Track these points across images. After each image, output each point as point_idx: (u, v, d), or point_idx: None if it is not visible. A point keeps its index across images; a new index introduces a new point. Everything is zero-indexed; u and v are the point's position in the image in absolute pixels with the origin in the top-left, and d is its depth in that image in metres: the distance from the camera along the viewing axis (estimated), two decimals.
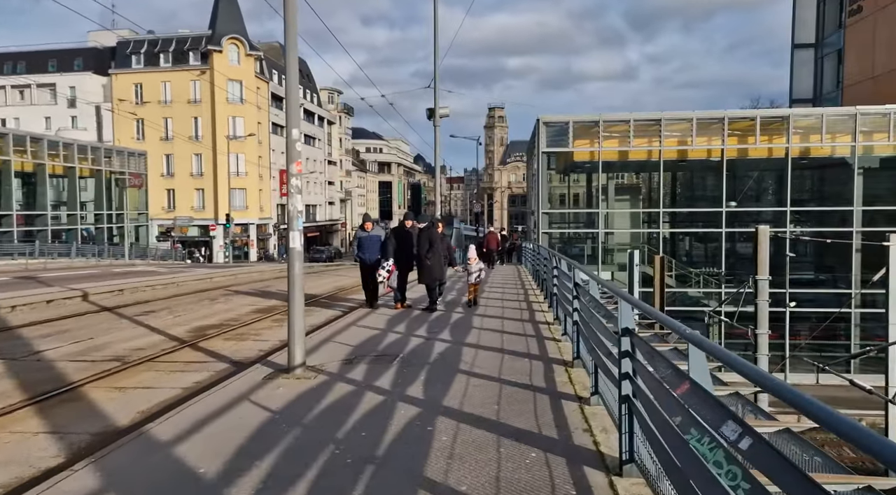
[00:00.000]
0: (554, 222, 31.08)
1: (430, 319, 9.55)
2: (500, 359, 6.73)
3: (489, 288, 14.57)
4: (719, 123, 26.88)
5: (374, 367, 6.37)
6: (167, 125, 57.41)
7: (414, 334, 8.32)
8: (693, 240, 32.21)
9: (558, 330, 8.39)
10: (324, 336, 8.14)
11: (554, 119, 28.61)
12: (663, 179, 27.76)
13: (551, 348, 7.25)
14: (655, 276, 20.19)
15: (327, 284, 17.88)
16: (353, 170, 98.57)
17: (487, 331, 8.53)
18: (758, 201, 30.82)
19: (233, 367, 7.12)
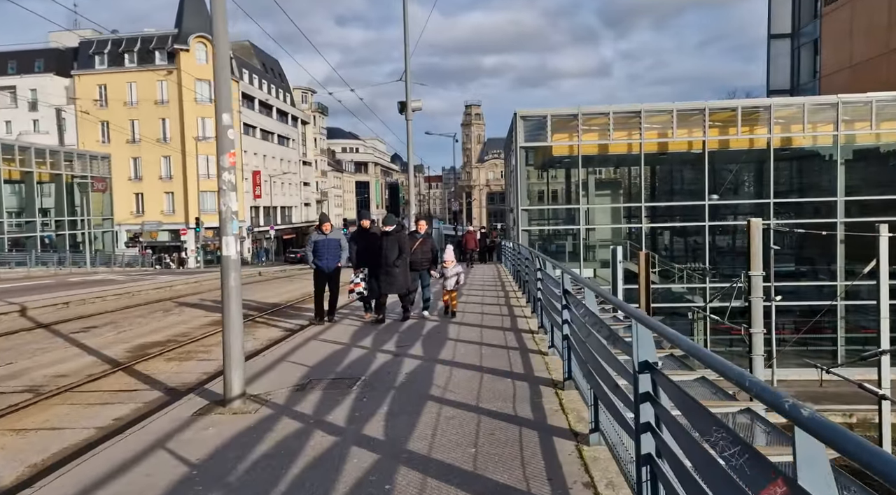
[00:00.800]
0: (533, 219, 30.26)
1: (399, 332, 8.55)
2: (479, 379, 5.77)
3: (468, 290, 13.62)
4: (700, 115, 26.24)
5: (329, 395, 5.37)
6: (134, 127, 55.62)
7: (381, 350, 7.32)
8: (674, 235, 31.61)
9: (544, 340, 7.45)
10: (277, 354, 7.11)
11: (531, 113, 27.77)
12: (644, 173, 27.06)
13: (537, 364, 6.30)
14: (640, 273, 19.42)
15: (295, 290, 16.79)
16: (328, 170, 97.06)
17: (465, 343, 7.57)
18: (739, 194, 30.32)
19: (165, 397, 6.07)
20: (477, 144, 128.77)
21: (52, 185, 38.73)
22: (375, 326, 8.98)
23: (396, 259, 8.88)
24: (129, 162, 55.98)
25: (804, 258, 30.12)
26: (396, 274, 8.88)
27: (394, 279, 8.95)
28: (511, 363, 6.37)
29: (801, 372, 24.52)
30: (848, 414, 21.89)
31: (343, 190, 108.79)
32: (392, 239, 8.89)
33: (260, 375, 6.11)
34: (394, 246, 8.84)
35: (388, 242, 8.86)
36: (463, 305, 10.75)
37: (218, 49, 5.05)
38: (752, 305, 12.43)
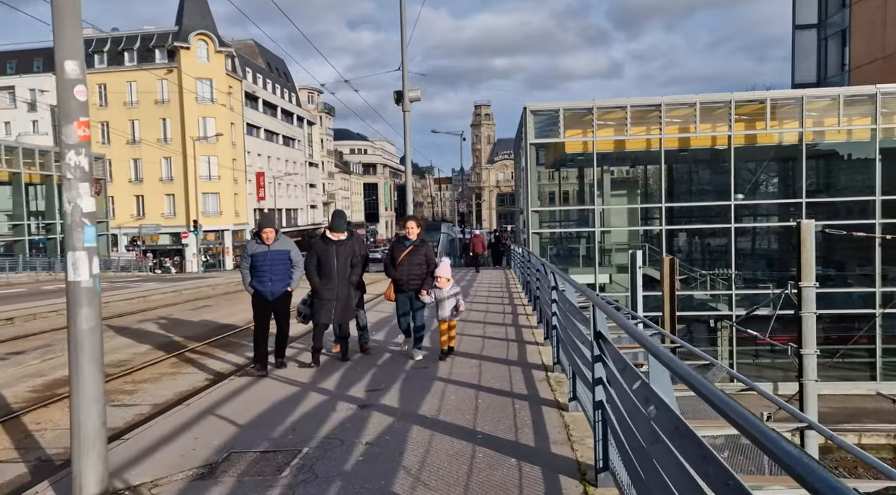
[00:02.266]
0: (544, 221, 28.39)
1: (377, 365, 6.72)
2: (470, 455, 3.95)
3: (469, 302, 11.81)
4: (725, 108, 24.26)
5: (245, 487, 3.57)
6: (134, 128, 54.31)
7: (344, 397, 5.51)
8: (692, 238, 29.57)
9: (561, 384, 5.61)
10: (199, 408, 5.29)
11: (542, 107, 25.90)
12: (664, 171, 25.11)
13: (553, 427, 4.45)
14: (665, 281, 17.53)
15: None
16: (336, 171, 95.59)
17: (456, 387, 5.74)
18: (764, 193, 28.28)
19: None
20: (487, 145, 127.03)
21: (43, 187, 37.31)
22: (339, 367, 6.90)
23: (351, 274, 6.88)
24: (130, 163, 54.69)
25: (832, 261, 27.98)
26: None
27: (346, 302, 6.87)
28: (517, 424, 4.54)
29: (835, 386, 22.53)
30: (892, 434, 19.88)
31: (351, 192, 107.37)
32: (345, 249, 6.82)
33: (159, 447, 4.31)
34: (344, 258, 6.79)
35: (339, 253, 6.78)
36: (461, 325, 8.87)
37: None
38: (804, 321, 10.56)
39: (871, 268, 24.41)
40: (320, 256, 6.80)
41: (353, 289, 6.97)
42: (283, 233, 6.79)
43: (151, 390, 6.77)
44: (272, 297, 6.51)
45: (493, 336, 8.39)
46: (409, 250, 6.99)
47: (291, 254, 6.58)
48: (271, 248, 6.50)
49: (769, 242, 30.51)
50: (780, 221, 28.07)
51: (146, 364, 7.89)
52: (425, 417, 4.81)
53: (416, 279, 6.97)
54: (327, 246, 6.83)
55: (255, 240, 6.62)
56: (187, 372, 7.57)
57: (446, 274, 6.98)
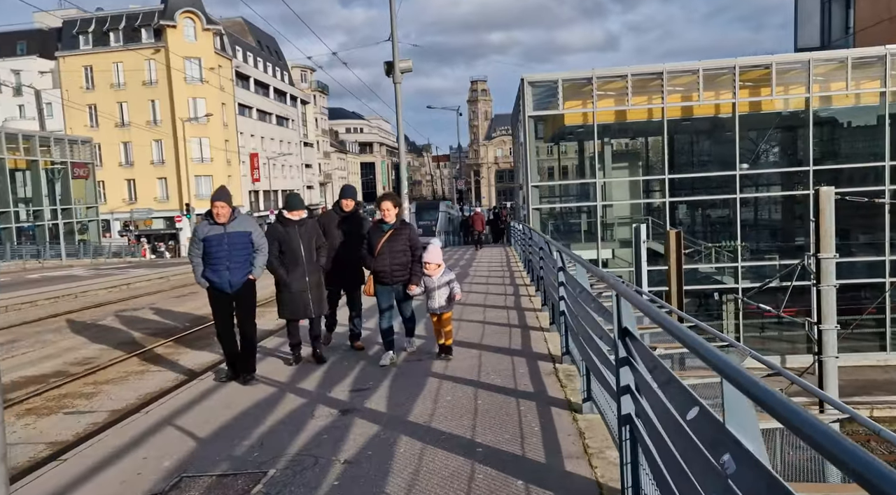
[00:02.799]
0: (544, 196, 27.60)
1: (357, 370, 5.96)
2: (469, 473, 3.28)
3: (468, 285, 11.13)
4: (729, 74, 23.34)
5: None
6: (122, 110, 53.14)
7: (324, 401, 4.83)
8: (699, 210, 28.78)
9: (572, 379, 4.93)
10: (154, 420, 4.60)
11: (540, 78, 24.96)
12: (666, 142, 24.25)
13: (566, 435, 3.78)
14: (671, 255, 16.84)
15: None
16: (331, 151, 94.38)
17: (453, 385, 5.06)
18: (770, 162, 27.42)
19: None
20: (484, 121, 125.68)
21: (29, 173, 36.39)
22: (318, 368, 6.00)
23: (319, 258, 5.96)
24: (120, 147, 53.64)
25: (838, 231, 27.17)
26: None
27: (319, 293, 5.97)
28: (523, 432, 3.86)
29: (845, 357, 21.97)
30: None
31: (348, 171, 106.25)
32: (307, 230, 5.89)
33: (99, 470, 3.64)
34: (309, 241, 5.87)
35: (304, 236, 5.86)
36: (459, 309, 8.16)
37: None
38: (823, 295, 9.89)
39: (878, 237, 23.78)
40: (281, 242, 5.78)
41: (322, 276, 6.05)
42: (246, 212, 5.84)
43: (114, 393, 6.10)
44: (231, 289, 5.32)
45: (494, 321, 7.70)
46: (389, 235, 5.85)
47: (253, 236, 5.41)
48: (228, 230, 5.25)
49: (769, 212, 29.77)
50: (784, 191, 27.32)
51: (113, 361, 7.21)
52: (416, 424, 4.13)
53: (401, 269, 5.88)
54: (287, 228, 5.83)
55: (207, 219, 5.34)
56: (157, 370, 6.90)
57: (436, 259, 5.91)
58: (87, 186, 41.78)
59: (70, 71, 53.02)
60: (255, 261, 5.47)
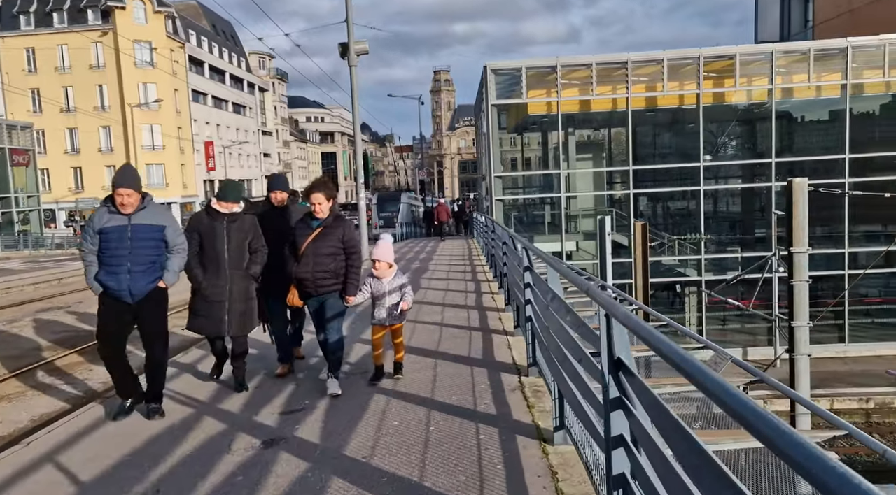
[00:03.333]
0: (507, 188, 27.04)
1: (291, 385, 5.01)
2: None
3: (427, 281, 10.42)
4: (694, 64, 23.07)
5: None
6: (68, 95, 50.60)
7: (243, 431, 4.04)
8: (661, 202, 28.61)
9: (540, 395, 4.26)
10: (34, 455, 3.70)
11: (504, 65, 24.31)
12: (631, 133, 23.87)
13: (538, 491, 3.07)
14: (637, 248, 16.44)
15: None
16: (291, 140, 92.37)
17: (401, 404, 4.33)
18: (731, 154, 27.37)
19: None
20: (447, 112, 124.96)
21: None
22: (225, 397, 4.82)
23: (250, 264, 4.80)
24: (65, 133, 51.13)
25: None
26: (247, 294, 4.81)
27: (244, 306, 4.78)
28: (483, 474, 3.16)
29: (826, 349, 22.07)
30: (864, 398, 19.48)
31: (308, 161, 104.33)
32: (239, 227, 4.76)
33: None
34: (239, 242, 4.74)
35: (233, 234, 4.73)
36: (415, 310, 7.43)
37: None
38: (796, 290, 9.48)
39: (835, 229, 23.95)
40: (203, 237, 4.69)
41: (252, 285, 4.86)
42: (158, 202, 4.48)
43: (5, 413, 5.20)
44: (133, 299, 4.12)
45: (453, 322, 7.00)
46: (316, 234, 4.61)
47: (167, 231, 4.24)
48: (133, 221, 4.10)
49: (728, 205, 29.78)
50: (744, 183, 27.35)
51: (15, 372, 6.27)
52: (354, 460, 3.39)
53: (327, 278, 4.62)
54: (214, 222, 4.71)
55: (108, 205, 4.17)
56: (62, 384, 6.01)
57: (387, 257, 4.84)
58: (27, 174, 39.54)
59: (10, 53, 50.18)
60: (168, 264, 4.29)
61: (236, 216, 4.76)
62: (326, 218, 4.65)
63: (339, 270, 4.68)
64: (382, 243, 4.95)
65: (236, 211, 4.78)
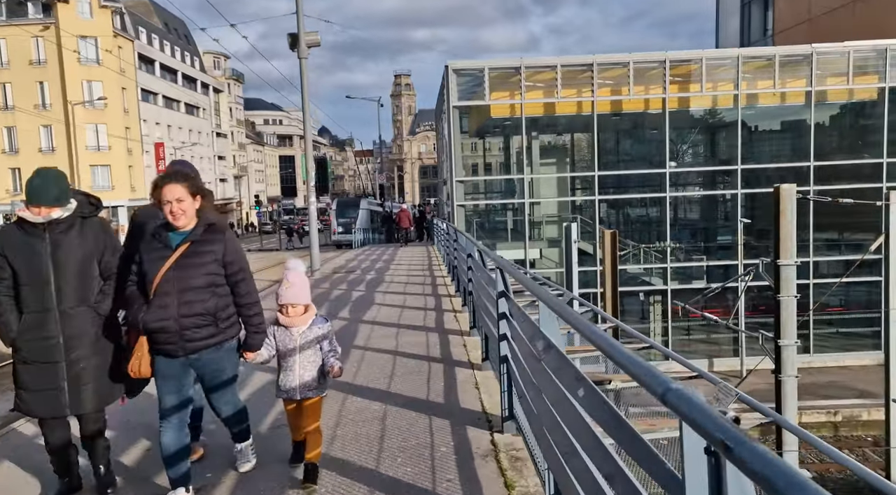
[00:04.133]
0: (468, 193, 26.13)
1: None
2: None
3: (383, 293, 9.33)
4: (660, 68, 22.60)
5: None
6: (6, 92, 47.79)
7: None
8: (625, 209, 28.04)
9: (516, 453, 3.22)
10: None
11: (466, 65, 23.43)
12: (596, 138, 23.22)
13: None
14: (606, 256, 15.67)
15: None
16: (247, 143, 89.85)
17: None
18: (699, 160, 26.96)
19: None
20: (408, 116, 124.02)
21: None
22: None
23: (99, 299, 3.14)
24: (3, 132, 48.25)
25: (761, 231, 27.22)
26: (95, 346, 3.10)
27: (88, 366, 3.05)
28: None
29: (767, 361, 21.70)
30: (832, 411, 19.11)
31: (265, 164, 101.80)
32: (69, 242, 3.08)
33: None
34: (81, 263, 3.10)
35: (63, 252, 3.06)
36: (365, 334, 6.31)
37: None
38: (783, 306, 8.75)
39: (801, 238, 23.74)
40: (16, 262, 3.04)
41: (114, 330, 3.19)
42: None
43: None
44: None
45: (410, 350, 5.93)
46: (180, 255, 2.96)
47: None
48: None
49: (686, 212, 29.30)
50: (707, 190, 27.01)
51: None
52: None
53: (203, 325, 2.98)
54: (29, 238, 3.06)
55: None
56: None
57: (300, 297, 3.20)
58: None
59: None
60: None
61: (66, 223, 3.09)
62: (195, 228, 2.98)
63: (221, 312, 3.02)
64: (293, 274, 3.23)
65: (58, 216, 3.06)
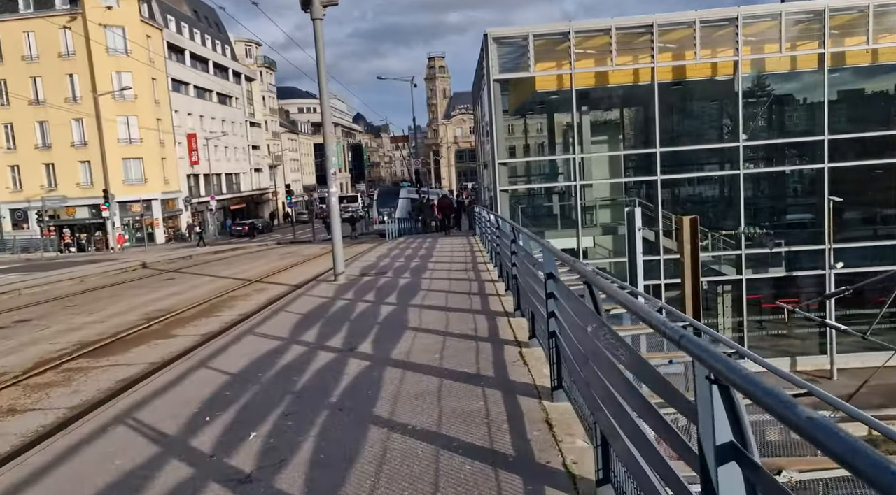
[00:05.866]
0: (512, 177, 23.74)
1: None
2: None
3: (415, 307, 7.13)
4: (731, 27, 19.77)
5: None
6: (36, 86, 47.07)
7: None
8: (682, 189, 25.13)
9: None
10: None
11: (508, 33, 20.95)
12: (658, 109, 20.48)
13: None
14: (685, 247, 13.19)
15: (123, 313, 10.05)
16: (282, 131, 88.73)
17: None
18: (781, 132, 23.78)
19: None
20: (443, 99, 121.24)
21: None
22: None
23: None
24: (35, 127, 47.62)
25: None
26: None
27: None
28: None
29: (864, 357, 18.92)
30: None
31: (300, 153, 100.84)
32: None
33: None
34: None
35: None
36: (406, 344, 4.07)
37: None
38: None
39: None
40: None
41: None
42: None
43: None
44: None
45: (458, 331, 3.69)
46: None
47: None
48: None
49: (752, 191, 26.26)
50: (774, 165, 23.89)
51: None
52: None
53: None
54: None
55: None
56: None
57: None
58: None
59: None
60: None
61: None
62: None
63: None
64: None
65: None
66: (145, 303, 10.78)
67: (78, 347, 7.43)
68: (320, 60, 9.99)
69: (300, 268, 15.59)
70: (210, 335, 7.34)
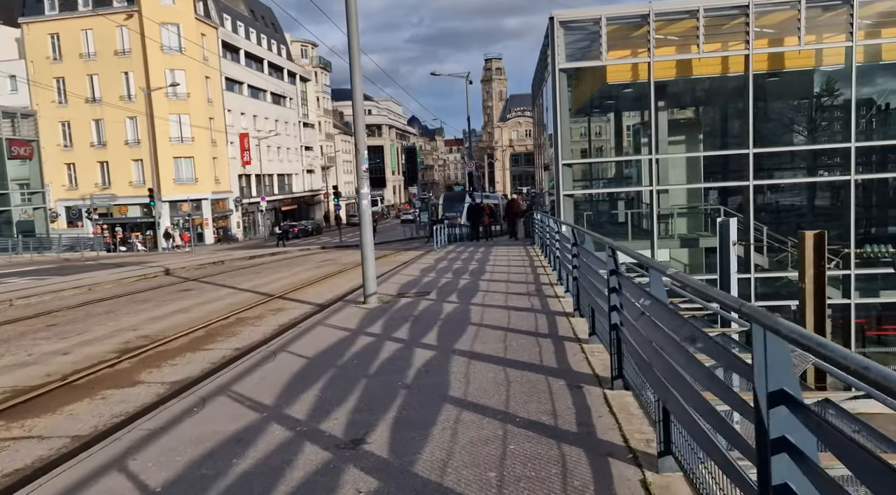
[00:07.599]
0: (576, 180, 21.22)
1: None
2: None
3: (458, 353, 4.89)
4: (842, 7, 16.79)
5: None
6: (93, 84, 47.15)
7: None
8: (762, 197, 21.97)
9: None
10: None
11: (577, 16, 18.48)
12: (752, 105, 17.60)
13: None
14: (807, 267, 10.53)
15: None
16: (335, 133, 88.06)
17: None
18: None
19: None
20: (499, 102, 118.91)
21: None
22: None
23: None
24: (91, 125, 47.70)
25: None
26: None
27: None
28: None
29: None
30: None
31: (353, 155, 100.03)
32: None
33: None
34: None
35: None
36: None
37: None
38: None
39: None
40: None
41: None
42: None
43: None
44: None
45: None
46: None
47: None
48: None
49: (837, 199, 22.90)
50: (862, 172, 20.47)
51: None
52: None
53: None
54: None
55: None
56: None
57: None
58: (30, 169, 35.76)
59: (35, 39, 47.10)
60: None
61: None
62: None
63: None
64: None
65: None
66: (138, 324, 8.91)
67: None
68: (353, 37, 7.87)
69: (333, 281, 13.59)
70: (174, 390, 5.29)
